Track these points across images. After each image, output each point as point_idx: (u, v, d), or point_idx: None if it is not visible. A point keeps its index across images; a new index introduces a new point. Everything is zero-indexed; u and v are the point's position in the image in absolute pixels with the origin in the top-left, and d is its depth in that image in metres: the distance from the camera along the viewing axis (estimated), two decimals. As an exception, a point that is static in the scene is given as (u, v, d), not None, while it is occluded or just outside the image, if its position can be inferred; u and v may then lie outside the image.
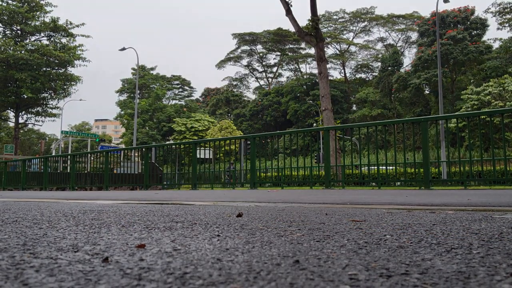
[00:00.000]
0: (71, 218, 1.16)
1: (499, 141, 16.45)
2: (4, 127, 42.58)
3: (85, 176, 13.38)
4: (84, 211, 1.51)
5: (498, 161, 7.54)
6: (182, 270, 0.44)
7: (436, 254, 0.54)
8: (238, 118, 51.76)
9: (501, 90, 26.59)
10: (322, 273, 0.42)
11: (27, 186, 13.89)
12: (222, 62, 57.00)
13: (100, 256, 0.52)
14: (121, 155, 13.20)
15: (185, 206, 2.01)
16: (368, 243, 0.65)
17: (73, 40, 34.81)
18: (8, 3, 32.87)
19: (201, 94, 65.63)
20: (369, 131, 7.82)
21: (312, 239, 0.69)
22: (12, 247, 0.61)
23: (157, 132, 47.87)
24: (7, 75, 31.77)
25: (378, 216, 1.30)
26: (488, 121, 7.70)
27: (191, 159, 10.13)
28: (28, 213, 1.36)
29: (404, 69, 41.42)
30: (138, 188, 11.76)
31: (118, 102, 54.03)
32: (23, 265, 0.47)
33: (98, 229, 0.86)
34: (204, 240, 0.67)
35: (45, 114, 36.32)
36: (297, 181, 9.08)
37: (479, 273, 0.43)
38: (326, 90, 13.62)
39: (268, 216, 1.30)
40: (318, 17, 14.19)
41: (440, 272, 0.43)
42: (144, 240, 0.67)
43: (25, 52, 32.40)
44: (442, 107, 17.74)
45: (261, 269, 0.44)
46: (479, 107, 26.46)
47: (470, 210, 1.50)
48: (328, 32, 47.73)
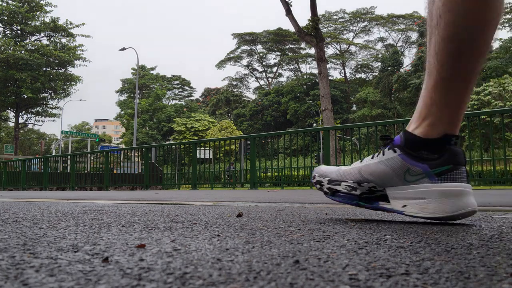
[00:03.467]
0: (71, 218, 1.16)
1: (499, 141, 16.45)
2: (4, 127, 42.59)
3: (85, 176, 13.38)
4: (84, 211, 1.51)
5: (498, 161, 7.54)
6: (182, 270, 0.44)
7: (436, 254, 0.54)
8: (238, 118, 51.77)
9: (501, 90, 26.59)
10: (322, 273, 0.42)
11: (27, 186, 13.88)
12: (222, 62, 57.01)
13: (100, 256, 0.52)
14: (121, 155, 13.20)
15: (185, 206, 2.01)
16: (368, 243, 0.65)
17: (73, 40, 34.81)
18: (8, 3, 32.85)
19: (201, 94, 65.68)
20: (369, 131, 7.82)
21: (312, 239, 0.69)
22: (12, 247, 0.61)
23: (157, 132, 47.87)
24: (7, 75, 31.77)
25: (378, 216, 1.30)
26: (488, 121, 7.71)
27: (191, 159, 10.13)
28: (28, 213, 1.36)
29: (404, 69, 41.42)
30: (138, 188, 11.76)
31: (118, 102, 54.05)
32: (23, 265, 0.47)
33: (98, 229, 0.86)
34: (204, 240, 0.67)
35: (45, 114, 36.31)
36: (297, 181, 9.08)
37: (479, 273, 0.43)
38: (326, 90, 13.62)
39: (268, 216, 1.30)
40: (318, 17, 14.20)
41: (440, 272, 0.43)
42: (144, 240, 0.67)
43: (25, 52, 32.40)
44: (442, 107, 17.71)
45: (261, 269, 0.44)
46: (479, 107, 26.46)
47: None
48: (328, 32, 47.74)
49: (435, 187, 1.01)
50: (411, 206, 1.04)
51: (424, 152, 1.03)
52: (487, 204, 2.13)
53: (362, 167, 1.14)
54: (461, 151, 1.03)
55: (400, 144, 1.08)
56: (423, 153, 1.04)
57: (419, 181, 1.04)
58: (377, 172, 1.10)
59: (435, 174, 1.02)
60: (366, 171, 1.13)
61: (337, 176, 1.19)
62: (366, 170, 1.13)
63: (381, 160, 1.11)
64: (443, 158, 1.02)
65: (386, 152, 1.10)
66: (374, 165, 1.12)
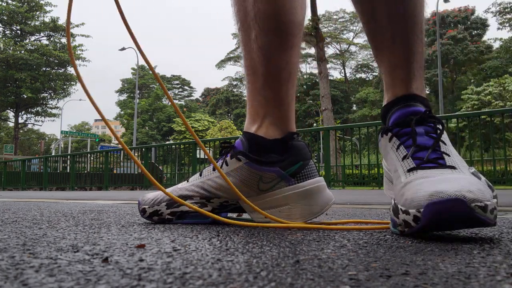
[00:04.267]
0: (70, 218, 1.16)
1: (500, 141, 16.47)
2: (4, 127, 42.57)
3: (85, 176, 13.37)
4: (84, 211, 1.51)
5: (499, 161, 7.54)
6: (182, 270, 0.44)
7: (436, 254, 0.54)
8: (238, 118, 51.77)
9: (501, 90, 26.60)
10: (322, 273, 0.42)
11: (26, 186, 13.87)
12: (222, 62, 56.97)
13: (99, 256, 0.52)
14: (120, 155, 13.20)
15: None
16: (368, 243, 0.65)
17: (72, 40, 34.81)
18: (8, 3, 32.83)
19: (201, 94, 65.69)
20: (369, 131, 7.82)
21: (312, 239, 0.69)
22: (11, 247, 0.61)
23: (157, 132, 47.88)
24: (7, 75, 31.76)
25: (379, 216, 1.30)
26: (489, 121, 7.71)
27: (191, 159, 10.12)
28: (27, 213, 1.36)
29: (404, 69, 41.35)
30: (138, 188, 11.76)
31: (117, 102, 54.05)
32: (22, 265, 0.47)
33: (98, 229, 0.86)
34: (204, 240, 0.67)
35: (45, 114, 36.30)
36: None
37: (480, 273, 0.43)
38: (326, 90, 13.63)
39: (268, 216, 1.30)
40: (318, 17, 14.22)
41: (440, 272, 0.43)
42: (144, 240, 0.67)
43: (24, 52, 32.39)
44: (443, 107, 17.75)
45: (261, 269, 0.44)
46: (479, 107, 26.47)
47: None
48: (328, 32, 47.71)
49: (295, 190, 0.94)
50: (275, 215, 0.94)
51: (273, 155, 0.94)
52: (487, 204, 2.13)
53: (206, 181, 0.98)
54: (305, 144, 0.99)
55: (243, 150, 0.96)
56: (272, 156, 0.94)
57: (275, 186, 0.94)
58: (225, 186, 0.95)
59: (290, 175, 0.94)
60: (212, 186, 0.97)
61: (176, 195, 0.99)
62: (212, 185, 0.97)
63: (227, 172, 0.96)
64: (292, 156, 0.95)
65: (230, 162, 0.96)
66: (219, 179, 0.96)
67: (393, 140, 0.81)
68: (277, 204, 0.95)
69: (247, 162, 0.94)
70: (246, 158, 0.94)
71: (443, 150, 0.75)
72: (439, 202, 0.59)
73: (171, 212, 0.98)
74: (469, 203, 0.59)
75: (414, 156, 0.75)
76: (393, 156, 0.80)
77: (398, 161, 0.77)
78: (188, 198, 0.98)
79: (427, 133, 0.78)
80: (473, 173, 0.72)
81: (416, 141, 0.76)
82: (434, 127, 0.79)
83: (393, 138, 0.81)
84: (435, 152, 0.75)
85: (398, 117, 0.83)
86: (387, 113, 0.87)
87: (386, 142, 0.84)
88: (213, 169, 0.99)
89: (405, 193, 0.69)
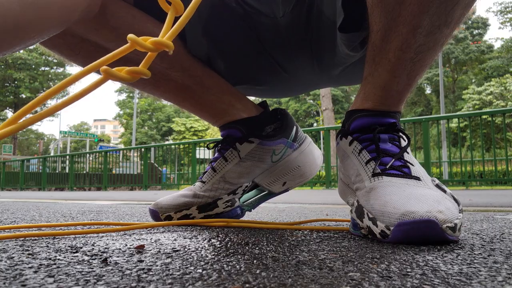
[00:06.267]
0: (69, 219, 1.16)
1: (501, 141, 16.48)
2: (3, 127, 42.48)
3: (84, 177, 13.37)
4: (82, 211, 1.51)
5: (500, 161, 7.55)
6: (181, 271, 0.44)
7: (437, 254, 0.54)
8: (237, 118, 51.73)
9: (502, 90, 26.60)
10: (323, 273, 0.42)
11: (25, 186, 13.87)
12: (222, 62, 56.98)
13: (99, 257, 0.52)
14: (120, 155, 13.19)
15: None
16: (369, 243, 0.65)
17: (72, 40, 34.76)
18: (8, 3, 32.79)
19: (201, 94, 65.62)
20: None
21: (312, 239, 0.69)
22: (10, 247, 0.61)
23: (157, 132, 47.89)
24: (6, 75, 31.75)
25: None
26: (490, 121, 7.72)
27: (190, 159, 10.13)
28: (26, 214, 1.36)
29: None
30: (137, 189, 11.76)
31: (117, 102, 54.04)
32: (21, 265, 0.46)
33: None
34: (203, 241, 0.67)
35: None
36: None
37: (481, 273, 0.43)
38: (327, 90, 13.64)
39: (268, 217, 1.30)
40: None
41: (441, 272, 0.43)
42: (143, 241, 0.67)
43: (23, 52, 32.39)
44: (444, 107, 17.77)
45: (261, 270, 0.44)
46: (480, 107, 26.48)
47: (471, 211, 1.50)
48: (327, 32, 47.72)
49: (300, 152, 1.03)
50: (290, 179, 1.02)
51: (271, 127, 1.02)
52: (489, 204, 2.13)
53: (226, 174, 0.98)
54: (284, 109, 1.06)
55: (246, 133, 0.99)
56: (271, 128, 1.02)
57: (284, 154, 1.01)
58: (246, 170, 0.99)
59: (292, 141, 1.02)
60: (233, 177, 0.99)
61: (207, 196, 0.98)
62: (233, 176, 0.99)
63: (242, 157, 0.98)
64: (284, 123, 1.03)
65: (241, 148, 0.98)
66: (238, 167, 0.99)
67: (354, 144, 0.78)
68: (290, 169, 1.02)
69: (260, 142, 0.99)
70: (259, 138, 0.99)
71: (406, 159, 0.73)
72: (410, 223, 0.58)
73: (204, 216, 0.98)
74: (440, 224, 0.58)
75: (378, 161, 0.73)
76: (354, 160, 0.77)
77: (360, 165, 0.75)
78: (218, 199, 0.98)
79: (391, 140, 0.75)
80: (437, 185, 0.70)
81: (379, 147, 0.74)
82: (398, 137, 0.76)
83: (354, 142, 0.78)
84: (399, 160, 0.73)
85: (361, 124, 0.78)
86: (350, 118, 0.81)
87: (345, 145, 0.80)
88: (224, 159, 0.99)
89: (372, 200, 0.67)
